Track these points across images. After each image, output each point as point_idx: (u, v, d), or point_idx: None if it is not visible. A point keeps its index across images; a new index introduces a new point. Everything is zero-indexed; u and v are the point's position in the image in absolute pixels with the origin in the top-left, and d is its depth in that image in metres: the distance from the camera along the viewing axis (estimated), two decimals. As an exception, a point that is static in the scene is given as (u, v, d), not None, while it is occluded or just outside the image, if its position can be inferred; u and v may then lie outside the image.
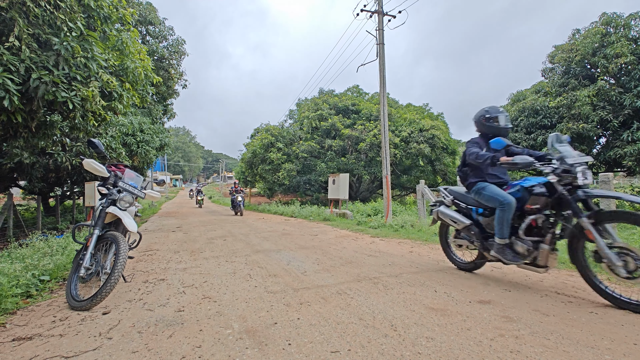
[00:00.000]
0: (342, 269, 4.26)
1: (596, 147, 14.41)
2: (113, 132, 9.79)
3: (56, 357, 2.09)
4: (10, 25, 4.12)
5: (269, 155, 20.08)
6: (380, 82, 10.29)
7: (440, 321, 2.51)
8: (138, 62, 6.10)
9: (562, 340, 2.17)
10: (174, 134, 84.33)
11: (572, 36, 14.72)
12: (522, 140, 14.69)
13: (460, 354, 2.01)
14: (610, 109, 12.51)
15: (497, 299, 2.98)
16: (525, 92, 17.03)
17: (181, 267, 4.57)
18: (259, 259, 5.00)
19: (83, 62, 4.71)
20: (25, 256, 4.36)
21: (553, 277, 3.74)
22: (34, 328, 2.56)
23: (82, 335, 2.40)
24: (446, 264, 4.39)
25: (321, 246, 6.02)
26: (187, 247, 6.19)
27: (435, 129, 18.75)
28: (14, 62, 4.04)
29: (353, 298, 3.08)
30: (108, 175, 3.57)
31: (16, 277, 3.39)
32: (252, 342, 2.23)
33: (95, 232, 3.28)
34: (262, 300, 3.07)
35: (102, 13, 5.09)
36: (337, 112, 21.11)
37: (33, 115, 5.00)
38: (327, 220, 10.96)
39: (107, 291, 2.92)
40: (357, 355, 2.02)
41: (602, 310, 2.68)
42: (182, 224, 10.82)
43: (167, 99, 17.43)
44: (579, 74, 13.74)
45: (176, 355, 2.07)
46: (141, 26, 15.14)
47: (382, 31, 10.37)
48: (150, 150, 12.24)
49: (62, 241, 5.61)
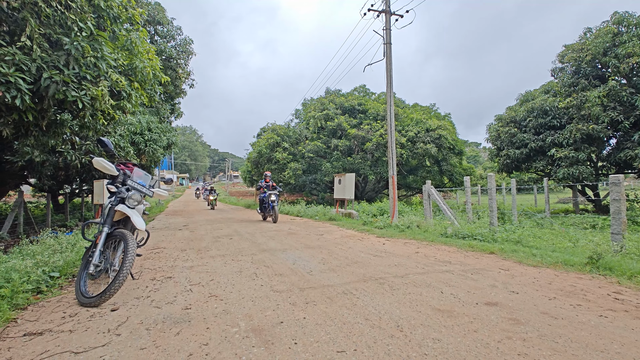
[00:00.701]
0: (347, 269, 4.26)
1: (606, 149, 14.19)
2: (122, 131, 9.89)
3: (66, 352, 2.12)
4: (22, 25, 4.19)
5: (275, 154, 20.13)
6: (387, 82, 10.25)
7: (446, 322, 2.50)
8: (147, 61, 6.16)
9: (570, 343, 2.15)
10: (181, 133, 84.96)
11: (583, 35, 14.49)
12: (530, 141, 14.52)
13: (467, 355, 2.00)
14: (621, 109, 12.30)
15: (504, 301, 2.96)
16: (534, 92, 16.83)
17: (188, 265, 4.61)
18: (265, 258, 5.02)
19: (93, 62, 4.76)
20: (36, 253, 4.43)
21: (561, 279, 3.70)
22: (44, 323, 2.60)
23: (91, 331, 2.43)
24: (453, 266, 4.37)
25: (327, 246, 6.02)
26: (193, 246, 6.23)
27: (442, 129, 18.63)
28: (26, 62, 4.10)
29: (359, 298, 3.08)
30: (117, 173, 3.61)
31: (27, 273, 3.45)
32: (259, 340, 2.24)
33: (104, 229, 3.32)
34: (268, 299, 3.08)
35: (112, 13, 5.15)
36: (344, 111, 21.09)
37: (44, 114, 5.08)
38: (333, 220, 10.95)
39: (116, 288, 2.96)
40: (363, 355, 2.02)
41: (612, 314, 2.64)
42: (188, 223, 10.90)
43: (175, 98, 17.56)
44: (590, 74, 13.53)
45: (183, 353, 2.09)
46: (150, 26, 15.27)
47: (389, 31, 10.33)
48: (157, 149, 12.34)
49: (71, 238, 5.68)
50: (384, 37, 10.36)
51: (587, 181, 12.72)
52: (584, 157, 12.75)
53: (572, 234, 7.60)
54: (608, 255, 4.27)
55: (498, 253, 5.09)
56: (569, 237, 6.92)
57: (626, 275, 3.69)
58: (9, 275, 3.27)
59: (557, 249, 5.44)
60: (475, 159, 56.75)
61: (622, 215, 4.72)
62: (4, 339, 2.33)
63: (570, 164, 12.94)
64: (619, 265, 3.92)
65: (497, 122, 16.98)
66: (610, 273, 3.84)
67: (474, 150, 61.78)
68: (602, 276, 3.79)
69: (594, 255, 4.16)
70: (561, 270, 4.09)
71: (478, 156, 60.31)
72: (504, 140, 15.78)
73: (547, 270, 4.13)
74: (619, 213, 4.74)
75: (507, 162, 15.73)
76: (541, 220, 10.91)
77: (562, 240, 6.47)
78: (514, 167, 16.16)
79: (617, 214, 4.76)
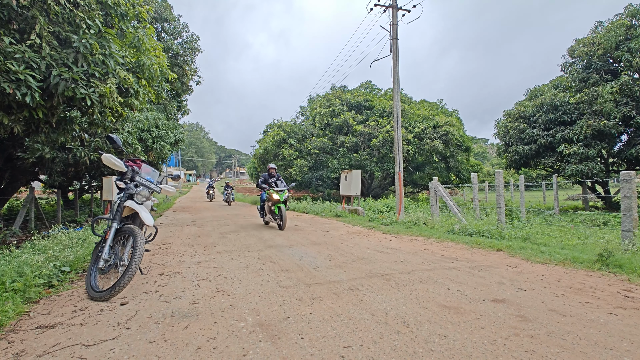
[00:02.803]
0: (354, 265, 4.26)
1: (617, 145, 13.94)
2: (130, 127, 9.99)
3: (77, 345, 2.17)
4: (31, 24, 4.24)
5: (281, 151, 20.17)
6: (394, 78, 10.18)
7: (453, 319, 2.49)
8: (154, 58, 6.19)
9: (579, 341, 2.13)
10: (188, 130, 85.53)
11: (594, 29, 14.21)
12: (539, 136, 14.31)
13: (473, 352, 2.00)
14: (634, 105, 12.06)
15: (511, 298, 2.94)
16: (543, 87, 16.57)
17: (195, 260, 4.65)
18: (272, 254, 5.04)
19: (101, 59, 4.81)
20: (47, 248, 4.51)
21: (570, 276, 3.66)
22: (56, 317, 2.65)
23: (101, 324, 2.48)
24: (459, 262, 4.35)
25: (333, 242, 6.03)
26: (200, 242, 6.29)
27: (450, 125, 18.48)
28: (35, 60, 4.16)
29: (365, 294, 3.09)
30: (126, 170, 3.65)
31: (39, 267, 3.52)
32: (266, 335, 2.26)
33: (114, 225, 3.36)
34: (274, 295, 3.10)
35: (120, 10, 5.18)
36: (350, 108, 21.02)
37: (53, 111, 5.15)
38: (339, 217, 10.96)
39: (125, 283, 3.01)
40: (369, 350, 2.03)
41: (621, 312, 2.61)
42: (195, 219, 10.99)
43: (181, 95, 17.64)
44: (601, 69, 13.28)
45: (192, 346, 2.12)
46: (157, 23, 15.33)
47: (396, 26, 10.24)
48: (165, 145, 12.45)
49: (81, 234, 5.78)
50: (391, 33, 10.28)
51: (597, 178, 12.53)
52: (594, 153, 12.54)
53: (581, 231, 7.51)
54: (618, 253, 4.21)
55: (506, 250, 5.05)
56: (578, 235, 6.83)
57: (637, 272, 3.64)
58: (22, 269, 3.35)
59: (566, 246, 5.38)
60: (482, 156, 56.22)
61: (633, 212, 4.65)
62: (17, 332, 2.38)
63: (580, 160, 12.74)
64: (629, 263, 3.87)
65: (506, 118, 16.77)
66: (620, 270, 3.79)
67: (481, 147, 61.19)
68: (612, 274, 3.74)
69: (603, 252, 4.10)
70: (570, 268, 4.05)
71: (486, 153, 59.75)
72: (513, 136, 15.58)
73: (555, 267, 4.09)
74: (630, 210, 4.66)
75: (515, 158, 15.53)
76: (550, 217, 10.78)
77: (571, 238, 6.39)
78: (522, 164, 15.95)
79: (628, 211, 4.68)
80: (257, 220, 10.28)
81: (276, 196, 7.74)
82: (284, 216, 7.67)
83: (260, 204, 8.90)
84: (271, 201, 7.97)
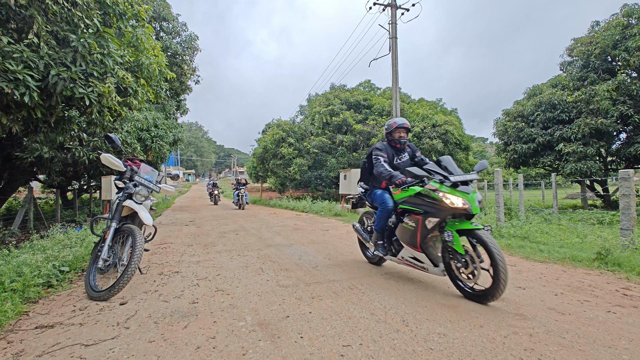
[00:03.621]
0: (353, 264, 4.27)
1: (616, 143, 13.96)
2: (128, 127, 9.96)
3: (77, 344, 2.17)
4: (29, 23, 4.22)
5: (280, 150, 20.16)
6: (393, 77, 10.18)
7: (452, 317, 2.50)
8: (152, 58, 6.18)
9: (578, 339, 2.14)
10: (187, 129, 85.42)
11: (592, 28, 14.23)
12: (538, 135, 14.34)
13: (472, 350, 2.00)
14: (631, 103, 12.08)
15: (510, 297, 2.95)
16: (541, 86, 16.59)
17: (195, 260, 4.65)
18: (271, 253, 5.04)
19: (99, 59, 4.79)
20: (46, 247, 4.50)
21: (569, 275, 3.67)
22: (55, 317, 2.65)
23: (101, 324, 2.48)
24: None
25: (332, 241, 6.04)
26: (200, 241, 6.28)
27: (449, 124, 18.49)
28: (34, 59, 4.14)
29: (364, 293, 3.09)
30: (125, 169, 3.65)
31: (38, 267, 3.51)
32: (265, 334, 2.26)
33: (113, 224, 3.36)
34: (274, 294, 3.10)
35: (118, 10, 5.17)
36: (349, 107, 21.02)
37: (52, 111, 5.13)
38: (339, 216, 10.96)
39: (124, 282, 3.01)
40: (368, 349, 2.03)
41: (620, 310, 2.62)
42: (194, 218, 10.99)
43: (180, 94, 17.58)
44: (599, 68, 13.30)
45: (191, 346, 2.12)
46: (155, 22, 15.28)
47: (395, 25, 10.24)
48: (164, 145, 12.42)
49: (80, 233, 5.77)
50: (390, 32, 10.28)
51: (595, 176, 12.55)
52: (592, 152, 12.57)
53: (580, 229, 7.52)
54: (617, 251, 4.23)
55: (505, 249, 5.06)
56: (577, 233, 6.84)
57: (635, 271, 3.65)
58: (21, 269, 3.34)
59: (564, 244, 5.39)
60: (482, 155, 56.27)
61: (631, 210, 4.66)
62: (16, 332, 2.38)
63: (579, 159, 12.77)
64: (628, 261, 3.88)
65: (505, 117, 16.78)
66: (619, 269, 3.80)
67: (480, 146, 61.26)
68: (611, 272, 3.76)
69: (602, 250, 4.11)
70: (569, 266, 4.06)
71: (485, 151, 59.80)
72: (511, 135, 15.59)
73: (554, 266, 4.10)
74: (628, 208, 4.68)
75: (514, 157, 15.55)
76: (549, 215, 10.80)
77: (570, 236, 6.40)
78: (521, 162, 15.97)
79: (626, 209, 4.70)
80: (256, 220, 10.26)
81: (460, 202, 2.88)
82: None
83: (365, 217, 4.61)
84: (438, 216, 3.01)
